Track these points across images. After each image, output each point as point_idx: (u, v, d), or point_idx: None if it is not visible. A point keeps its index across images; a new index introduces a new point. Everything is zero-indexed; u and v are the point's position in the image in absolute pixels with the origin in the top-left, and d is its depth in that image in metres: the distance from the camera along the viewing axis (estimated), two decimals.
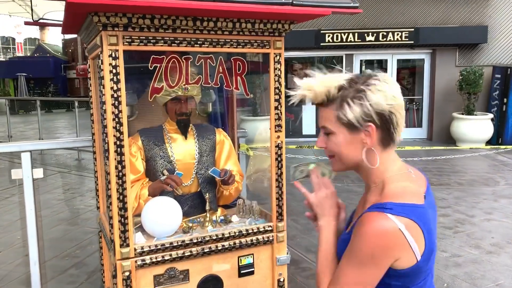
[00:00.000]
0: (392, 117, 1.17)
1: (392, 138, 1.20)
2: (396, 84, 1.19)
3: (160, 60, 1.95)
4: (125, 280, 1.92)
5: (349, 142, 1.20)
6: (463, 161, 8.67)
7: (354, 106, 1.16)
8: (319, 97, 1.21)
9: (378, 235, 1.10)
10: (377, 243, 1.11)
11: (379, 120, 1.16)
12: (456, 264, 4.04)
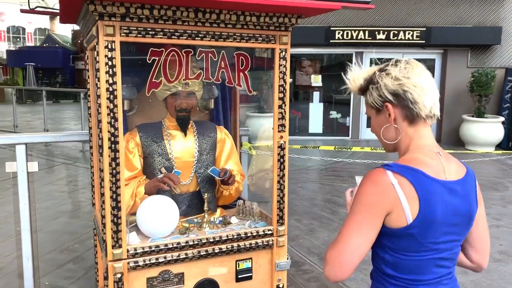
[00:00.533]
0: (407, 94, 1.29)
1: (414, 113, 1.30)
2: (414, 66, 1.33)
3: (159, 53, 1.86)
4: (117, 283, 1.84)
5: (379, 123, 1.37)
6: (471, 165, 8.43)
7: (372, 91, 1.35)
8: (354, 89, 1.42)
9: (371, 184, 1.25)
10: (369, 191, 1.24)
11: (395, 98, 1.31)
12: (463, 272, 3.92)
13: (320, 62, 12.15)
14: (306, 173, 7.73)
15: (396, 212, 1.22)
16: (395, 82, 1.30)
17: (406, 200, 1.22)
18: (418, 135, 1.33)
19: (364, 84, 1.38)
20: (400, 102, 1.31)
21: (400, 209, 1.22)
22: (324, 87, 11.75)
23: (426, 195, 1.23)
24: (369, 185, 1.25)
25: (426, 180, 1.24)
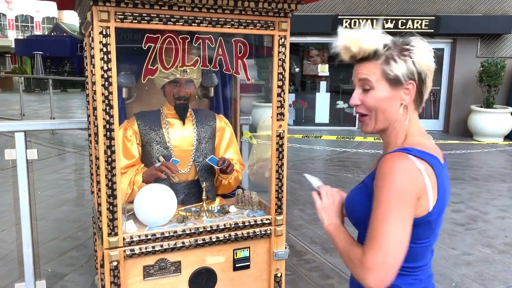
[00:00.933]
0: (426, 79, 1.23)
1: (422, 99, 1.26)
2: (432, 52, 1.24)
3: (155, 39, 1.82)
4: (113, 270, 1.84)
5: (389, 98, 1.23)
6: (479, 156, 8.43)
7: (400, 62, 1.20)
8: (364, 52, 1.23)
9: (402, 170, 1.12)
10: (402, 178, 1.11)
11: (419, 79, 1.22)
12: (467, 263, 3.89)
13: (328, 52, 12.04)
14: (311, 163, 7.69)
15: (422, 200, 1.15)
16: (427, 64, 1.22)
17: (431, 188, 1.15)
18: (416, 119, 1.28)
19: (382, 50, 1.22)
20: (419, 84, 1.23)
21: (425, 196, 1.15)
22: (331, 77, 11.66)
23: (441, 181, 1.18)
24: (399, 171, 1.12)
25: (439, 165, 1.21)
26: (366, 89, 1.25)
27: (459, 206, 5.44)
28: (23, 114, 10.69)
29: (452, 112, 10.79)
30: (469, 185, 6.40)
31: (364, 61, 1.25)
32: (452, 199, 5.73)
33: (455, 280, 3.58)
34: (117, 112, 1.76)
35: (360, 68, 1.26)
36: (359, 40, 1.22)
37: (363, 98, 1.26)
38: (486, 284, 3.52)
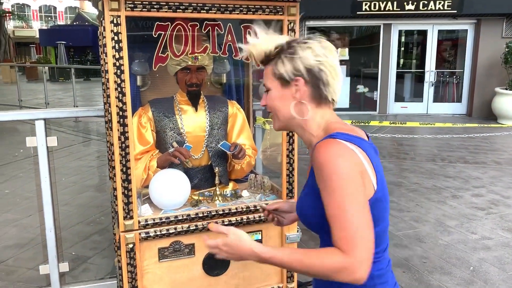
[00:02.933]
0: (322, 74, 1.22)
1: (323, 95, 1.25)
2: (331, 48, 1.25)
3: (164, 27, 1.86)
4: (129, 252, 1.91)
5: (281, 96, 1.27)
6: (503, 139, 8.24)
7: (285, 61, 1.23)
8: (258, 56, 1.28)
9: (339, 154, 1.11)
10: (343, 162, 1.10)
11: (308, 75, 1.22)
12: (486, 247, 3.85)
13: (348, 35, 11.88)
14: None
15: (366, 180, 1.13)
16: (315, 58, 1.22)
17: (369, 167, 1.15)
18: (327, 116, 1.28)
19: (274, 51, 1.25)
20: (312, 80, 1.23)
21: (367, 175, 1.14)
22: (351, 61, 11.51)
23: (374, 161, 1.19)
24: (335, 157, 1.11)
25: (368, 146, 1.22)
26: (267, 90, 1.31)
27: (480, 191, 5.36)
28: (48, 103, 10.94)
29: (476, 95, 10.54)
30: (491, 169, 6.28)
31: (264, 64, 1.30)
32: (473, 183, 5.65)
33: (473, 264, 3.56)
34: (130, 99, 1.80)
35: (264, 71, 1.31)
36: (254, 45, 1.28)
37: (266, 99, 1.32)
38: (505, 268, 3.48)
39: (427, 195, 5.20)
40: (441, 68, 11.22)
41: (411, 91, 11.85)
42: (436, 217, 4.53)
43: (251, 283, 2.16)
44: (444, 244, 3.91)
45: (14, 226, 4.34)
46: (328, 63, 1.23)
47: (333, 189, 1.09)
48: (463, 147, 7.64)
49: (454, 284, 3.26)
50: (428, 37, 10.91)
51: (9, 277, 3.38)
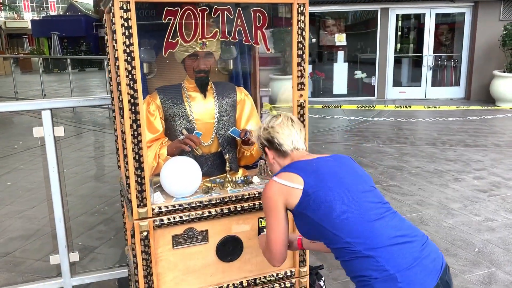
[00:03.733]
0: (274, 140, 1.77)
1: (282, 150, 1.77)
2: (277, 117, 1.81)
3: (174, 12, 1.83)
4: (143, 240, 1.91)
5: (268, 162, 1.85)
6: (502, 122, 8.28)
7: (257, 141, 1.87)
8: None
9: (265, 191, 1.70)
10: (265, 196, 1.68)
11: (268, 143, 1.79)
12: (490, 229, 3.89)
13: (345, 21, 11.82)
14: (330, 134, 7.68)
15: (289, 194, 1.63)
16: (265, 132, 1.79)
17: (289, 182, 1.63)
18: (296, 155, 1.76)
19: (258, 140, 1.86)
20: (272, 146, 1.78)
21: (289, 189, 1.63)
22: (348, 46, 11.47)
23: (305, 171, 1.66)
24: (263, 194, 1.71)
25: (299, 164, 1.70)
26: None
27: (482, 173, 5.40)
28: (44, 94, 10.87)
29: (474, 79, 10.55)
30: (492, 151, 6.32)
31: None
32: (474, 166, 5.68)
33: (477, 245, 3.60)
34: (141, 86, 1.79)
35: None
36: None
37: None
38: (509, 249, 3.52)
39: (429, 179, 5.23)
40: (438, 52, 11.20)
41: (409, 76, 11.85)
42: (439, 200, 4.56)
43: (264, 268, 2.17)
44: (449, 227, 3.94)
45: (19, 218, 4.33)
46: (273, 131, 1.77)
47: (265, 216, 1.72)
48: (463, 130, 7.67)
49: (461, 265, 3.30)
50: (426, 21, 10.87)
51: (17, 268, 3.39)
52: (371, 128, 8.04)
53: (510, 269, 3.23)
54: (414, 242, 1.54)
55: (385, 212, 1.58)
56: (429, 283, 1.48)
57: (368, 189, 1.64)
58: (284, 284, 2.21)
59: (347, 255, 1.55)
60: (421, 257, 1.51)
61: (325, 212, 1.56)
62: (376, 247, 1.49)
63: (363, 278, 1.51)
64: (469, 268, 3.25)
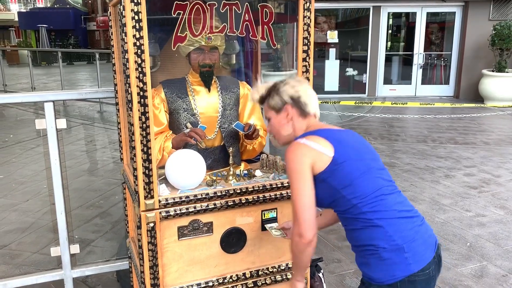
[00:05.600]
0: (300, 98, 1.74)
1: (305, 110, 1.76)
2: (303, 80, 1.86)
3: (183, 6, 1.85)
4: (150, 231, 1.93)
5: (279, 121, 1.79)
6: (490, 120, 8.43)
7: (275, 96, 1.79)
8: (258, 100, 1.87)
9: (292, 151, 1.63)
10: (294, 157, 1.61)
11: (292, 101, 1.75)
12: (480, 224, 3.98)
13: (336, 18, 11.88)
14: None
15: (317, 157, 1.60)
16: (291, 91, 1.75)
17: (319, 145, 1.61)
18: (313, 121, 1.78)
19: (266, 93, 1.82)
20: (296, 104, 1.75)
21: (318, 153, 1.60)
22: (340, 44, 11.54)
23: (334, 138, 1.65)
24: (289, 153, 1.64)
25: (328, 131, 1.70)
26: (268, 119, 1.84)
27: (472, 170, 5.50)
28: (34, 87, 10.75)
29: (463, 77, 10.71)
30: (481, 149, 6.44)
31: (262, 104, 1.87)
32: (464, 163, 5.79)
33: (469, 240, 3.68)
34: (150, 79, 1.81)
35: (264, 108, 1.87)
36: (253, 93, 1.90)
37: (268, 127, 1.87)
38: (500, 244, 3.61)
39: (420, 175, 5.32)
40: (429, 51, 11.34)
41: (399, 74, 11.97)
42: (431, 196, 4.65)
43: (266, 259, 2.21)
44: (441, 222, 4.03)
45: (13, 211, 4.31)
46: (301, 90, 1.75)
47: (290, 180, 1.63)
48: (452, 128, 7.79)
49: (453, 259, 3.38)
50: (417, 19, 10.98)
51: (14, 261, 3.38)
52: (363, 125, 8.12)
53: (500, 262, 3.32)
54: (415, 217, 1.65)
55: (394, 190, 1.69)
56: (428, 255, 1.60)
57: (382, 168, 1.73)
58: (286, 276, 2.25)
59: (359, 224, 1.61)
60: (421, 232, 1.63)
61: (349, 183, 1.60)
62: (387, 218, 1.58)
63: (371, 247, 1.59)
64: (461, 262, 3.33)
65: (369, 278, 1.63)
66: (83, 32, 28.23)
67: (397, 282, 1.56)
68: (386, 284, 1.57)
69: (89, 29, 28.82)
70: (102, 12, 26.49)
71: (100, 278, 3.06)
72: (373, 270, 1.60)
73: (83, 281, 3.05)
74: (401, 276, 1.55)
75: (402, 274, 1.55)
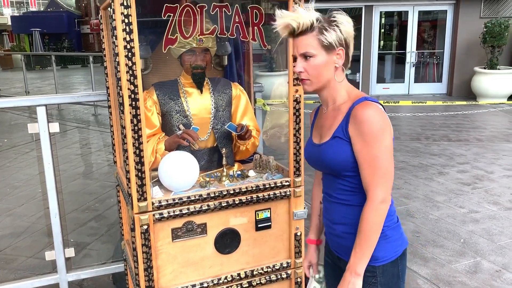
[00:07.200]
0: (349, 44, 1.51)
1: (348, 61, 1.53)
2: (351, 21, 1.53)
3: (173, 9, 1.86)
4: (143, 234, 1.94)
5: (326, 62, 1.49)
6: (483, 117, 8.48)
7: (331, 31, 1.48)
8: (303, 26, 1.48)
9: (376, 112, 1.42)
10: (380, 118, 1.42)
11: (345, 44, 1.49)
12: (474, 220, 4.01)
13: None
14: None
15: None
16: (350, 31, 1.50)
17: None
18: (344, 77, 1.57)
19: (317, 23, 1.49)
20: (346, 49, 1.51)
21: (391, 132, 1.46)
22: None
23: None
24: (375, 113, 1.42)
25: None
26: (308, 57, 1.49)
27: (465, 167, 5.54)
28: (28, 91, 10.71)
29: (456, 75, 10.77)
30: (474, 146, 6.48)
31: (301, 34, 1.49)
32: (457, 160, 5.83)
33: (463, 236, 3.71)
34: (141, 82, 1.81)
35: (299, 41, 1.50)
36: (298, 17, 1.47)
37: (305, 66, 1.51)
38: (493, 239, 3.64)
39: (414, 173, 5.35)
40: (421, 49, 11.39)
41: (392, 72, 12.02)
42: (425, 193, 4.68)
43: (261, 259, 2.22)
44: (435, 219, 4.05)
45: (7, 215, 4.30)
46: (353, 36, 1.51)
47: (372, 141, 1.41)
48: (446, 125, 7.84)
49: (447, 255, 3.40)
50: (409, 18, 11.04)
51: (9, 266, 3.37)
52: None
53: (494, 258, 3.35)
54: None
55: None
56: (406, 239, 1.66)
57: None
58: (280, 275, 2.26)
59: None
60: None
61: None
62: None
63: None
64: (455, 258, 3.36)
65: (373, 260, 1.53)
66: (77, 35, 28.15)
67: (397, 258, 1.58)
68: (390, 261, 1.56)
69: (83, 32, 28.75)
70: (96, 15, 26.42)
71: (96, 281, 3.06)
72: (377, 250, 1.51)
73: (79, 284, 3.06)
74: (401, 251, 1.59)
75: (401, 249, 1.59)
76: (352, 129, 1.46)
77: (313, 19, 1.48)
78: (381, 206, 1.44)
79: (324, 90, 1.57)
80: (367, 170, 1.44)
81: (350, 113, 1.47)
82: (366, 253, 1.47)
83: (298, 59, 1.52)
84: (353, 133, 1.45)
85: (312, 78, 1.51)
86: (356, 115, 1.44)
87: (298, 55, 1.52)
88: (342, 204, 1.59)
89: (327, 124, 1.60)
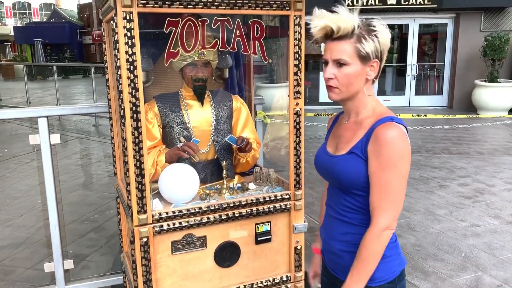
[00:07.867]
0: (383, 56, 1.43)
1: (379, 73, 1.45)
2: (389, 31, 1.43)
3: (175, 23, 1.88)
4: (143, 246, 1.93)
5: (358, 73, 1.41)
6: (484, 130, 8.49)
7: (370, 41, 1.38)
8: (343, 30, 1.38)
9: (400, 137, 1.36)
10: (402, 144, 1.35)
11: (380, 57, 1.42)
12: (475, 234, 3.99)
13: None
14: (318, 142, 7.76)
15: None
16: (387, 43, 1.42)
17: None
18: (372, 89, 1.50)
19: (358, 30, 1.39)
20: (380, 61, 1.43)
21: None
22: None
23: None
24: (398, 137, 1.36)
25: None
26: (341, 64, 1.41)
27: (466, 180, 5.53)
28: (29, 102, 10.75)
29: (456, 88, 10.80)
30: (475, 159, 6.48)
31: (338, 39, 1.40)
32: (458, 173, 5.82)
33: (464, 250, 3.69)
34: (143, 95, 1.82)
35: (335, 45, 1.42)
36: (339, 20, 1.38)
37: (336, 73, 1.43)
38: (494, 253, 3.62)
39: (415, 186, 5.33)
40: (422, 62, 11.45)
41: (393, 85, 12.06)
42: (426, 207, 4.66)
43: (261, 273, 2.21)
44: (436, 232, 4.03)
45: (7, 226, 4.29)
46: (388, 47, 1.43)
47: (389, 166, 1.35)
48: (446, 138, 7.84)
49: (448, 270, 3.38)
50: (410, 31, 11.10)
51: (7, 277, 3.35)
52: None
53: (495, 273, 3.32)
54: None
55: None
56: None
57: None
58: None
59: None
60: None
61: None
62: None
63: None
64: (456, 273, 3.34)
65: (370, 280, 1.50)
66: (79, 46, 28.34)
67: (395, 278, 1.54)
68: (387, 282, 1.52)
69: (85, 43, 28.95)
70: (98, 26, 26.63)
71: None
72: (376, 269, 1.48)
73: None
74: (398, 271, 1.55)
75: (399, 269, 1.55)
76: (371, 148, 1.39)
77: (355, 25, 1.37)
78: (384, 233, 1.40)
79: (350, 101, 1.49)
80: (377, 193, 1.39)
81: (372, 131, 1.40)
82: (362, 278, 1.44)
83: (330, 65, 1.44)
84: (372, 153, 1.39)
85: (341, 87, 1.44)
86: (378, 136, 1.37)
87: (331, 60, 1.43)
88: (342, 221, 1.56)
89: (346, 136, 1.54)
